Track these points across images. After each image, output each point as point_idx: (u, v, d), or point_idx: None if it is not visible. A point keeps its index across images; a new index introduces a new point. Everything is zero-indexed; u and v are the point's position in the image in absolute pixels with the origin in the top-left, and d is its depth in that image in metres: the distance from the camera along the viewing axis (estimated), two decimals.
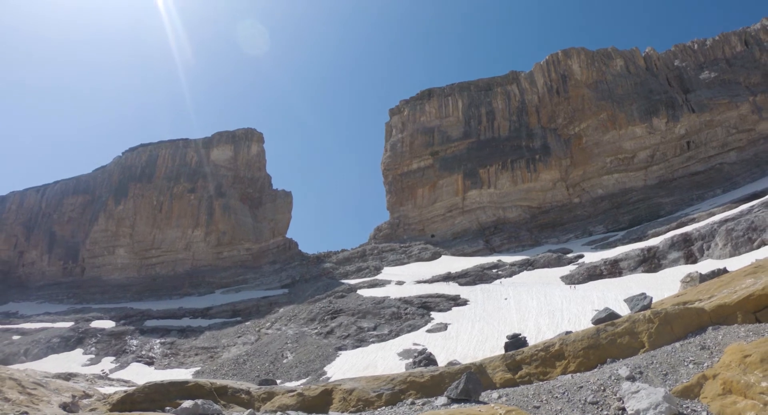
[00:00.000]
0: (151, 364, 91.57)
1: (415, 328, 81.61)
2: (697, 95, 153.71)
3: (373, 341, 79.96)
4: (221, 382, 19.71)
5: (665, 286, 69.88)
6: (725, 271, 28.57)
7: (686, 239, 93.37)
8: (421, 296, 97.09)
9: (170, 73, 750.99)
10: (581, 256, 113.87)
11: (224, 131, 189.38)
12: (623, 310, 26.23)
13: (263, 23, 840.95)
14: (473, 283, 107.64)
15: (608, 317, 18.64)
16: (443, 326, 78.20)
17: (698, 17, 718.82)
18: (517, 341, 22.56)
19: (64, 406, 26.05)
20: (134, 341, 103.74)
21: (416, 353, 35.41)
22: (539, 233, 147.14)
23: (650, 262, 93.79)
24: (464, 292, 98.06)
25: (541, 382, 15.69)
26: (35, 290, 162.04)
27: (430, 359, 29.99)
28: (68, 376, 43.88)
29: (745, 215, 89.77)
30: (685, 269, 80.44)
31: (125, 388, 31.47)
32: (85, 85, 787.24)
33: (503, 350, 21.80)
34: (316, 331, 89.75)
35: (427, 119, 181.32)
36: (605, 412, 12.39)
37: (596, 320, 18.99)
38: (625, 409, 12.18)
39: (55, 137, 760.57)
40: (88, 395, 30.83)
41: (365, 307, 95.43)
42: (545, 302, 77.92)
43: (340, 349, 78.72)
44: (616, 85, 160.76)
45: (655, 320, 16.26)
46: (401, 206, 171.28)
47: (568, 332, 19.08)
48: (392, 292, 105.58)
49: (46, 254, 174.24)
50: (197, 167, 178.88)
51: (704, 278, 27.43)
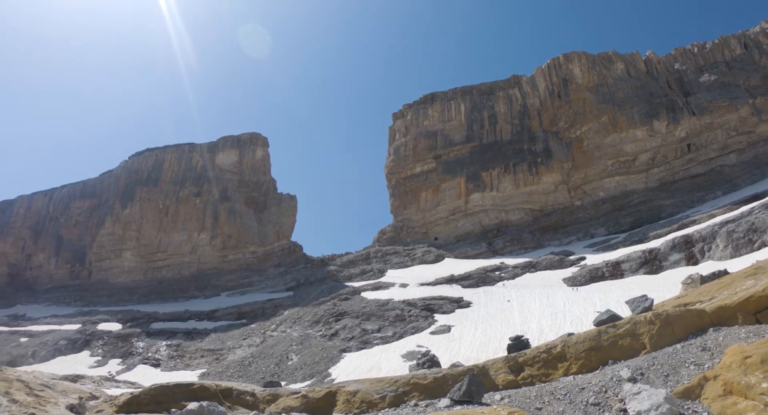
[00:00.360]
0: (157, 366, 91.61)
1: (418, 330, 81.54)
2: (697, 98, 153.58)
3: (377, 343, 79.89)
4: (226, 384, 19.69)
5: (667, 287, 69.72)
6: (726, 272, 28.48)
7: (687, 241, 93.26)
8: (424, 299, 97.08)
9: (174, 76, 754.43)
10: (583, 258, 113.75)
11: (229, 136, 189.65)
12: (625, 311, 26.18)
13: (266, 27, 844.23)
14: (476, 285, 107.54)
15: (610, 319, 18.59)
16: (447, 328, 78.13)
17: (698, 21, 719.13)
18: (519, 343, 22.52)
19: (71, 407, 26.00)
20: (141, 343, 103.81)
21: (420, 355, 35.37)
22: (541, 236, 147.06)
23: (652, 263, 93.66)
24: (467, 294, 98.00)
25: (543, 383, 15.64)
26: (43, 293, 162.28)
27: (433, 361, 29.96)
28: (75, 378, 43.89)
29: (745, 217, 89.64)
30: (686, 271, 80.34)
31: (131, 390, 31.50)
32: (90, 87, 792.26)
33: (506, 352, 21.76)
34: (320, 333, 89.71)
35: (430, 123, 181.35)
36: (607, 413, 12.35)
37: (598, 322, 18.94)
38: (626, 410, 12.13)
39: (61, 139, 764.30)
40: (95, 397, 30.82)
41: (369, 309, 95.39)
42: (548, 304, 77.81)
43: (344, 351, 78.65)
44: (617, 88, 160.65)
45: (656, 322, 16.20)
46: (405, 210, 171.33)
47: (570, 334, 19.01)
48: (396, 294, 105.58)
49: (53, 258, 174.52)
50: (203, 171, 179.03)
51: (705, 280, 27.33)
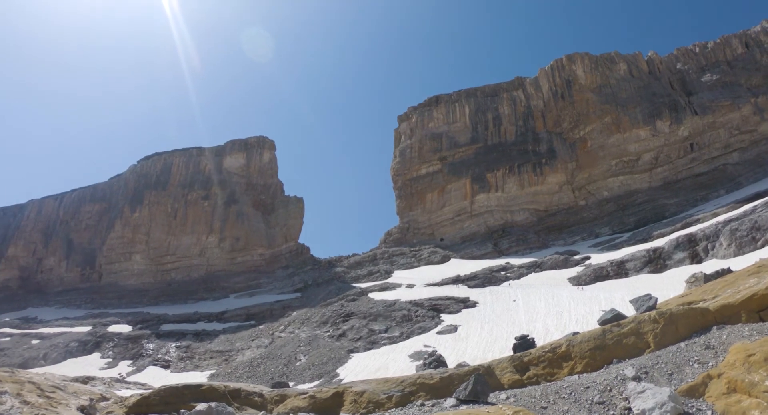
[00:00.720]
0: (167, 367, 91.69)
1: (425, 330, 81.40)
2: (699, 98, 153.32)
3: (384, 344, 79.76)
4: (234, 385, 19.68)
5: (671, 286, 69.54)
6: (729, 271, 28.41)
7: (691, 240, 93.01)
8: (431, 299, 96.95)
9: (177, 79, 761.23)
10: (588, 257, 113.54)
11: (237, 139, 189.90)
12: (629, 310, 26.13)
13: (269, 30, 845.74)
14: (482, 285, 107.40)
15: (614, 318, 18.52)
16: (453, 328, 77.99)
17: (699, 20, 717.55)
18: (525, 342, 22.44)
19: (82, 409, 26.01)
20: (150, 345, 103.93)
21: (426, 355, 35.30)
22: (546, 236, 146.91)
23: (656, 262, 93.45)
24: (473, 294, 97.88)
25: (548, 383, 15.59)
26: (54, 296, 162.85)
27: (439, 361, 29.88)
28: (86, 379, 43.85)
29: (748, 215, 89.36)
30: (690, 269, 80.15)
31: (141, 391, 31.50)
32: (95, 90, 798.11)
33: (512, 351, 21.72)
34: (328, 334, 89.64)
35: (435, 125, 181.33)
36: (611, 412, 12.31)
37: (602, 321, 18.87)
38: (631, 409, 12.08)
39: (68, 142, 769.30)
40: (105, 398, 30.83)
41: (376, 310, 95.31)
42: (553, 304, 77.65)
43: (352, 351, 78.54)
44: (619, 89, 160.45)
45: (660, 321, 16.14)
46: (411, 211, 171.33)
47: (575, 333, 18.95)
48: (403, 295, 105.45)
49: (64, 261, 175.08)
50: (211, 175, 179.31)
51: (708, 278, 27.26)
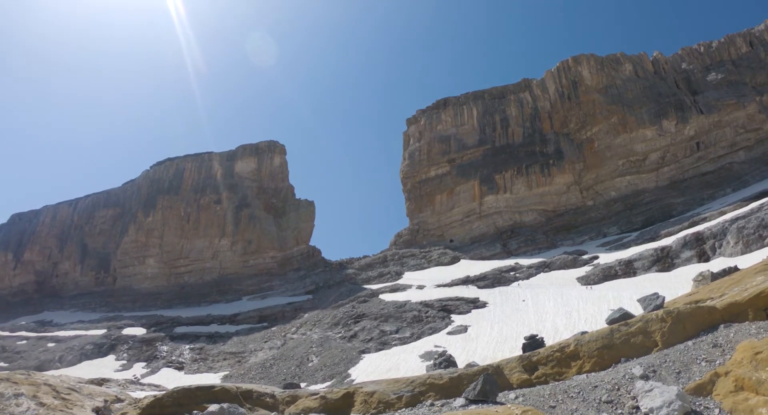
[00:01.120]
0: (181, 369, 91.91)
1: (436, 330, 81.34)
2: (704, 97, 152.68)
3: (395, 344, 79.73)
4: (246, 386, 19.71)
5: (679, 284, 69.33)
6: (736, 269, 28.28)
7: (698, 238, 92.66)
8: (441, 300, 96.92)
9: (184, 82, 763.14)
10: (596, 257, 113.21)
11: (248, 144, 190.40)
12: (638, 309, 26.03)
13: (275, 34, 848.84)
14: (491, 286, 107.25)
15: (622, 317, 18.48)
16: (463, 328, 77.91)
17: (703, 20, 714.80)
18: (534, 342, 22.42)
19: (96, 410, 26.20)
20: (164, 347, 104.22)
21: (437, 355, 35.29)
22: (555, 236, 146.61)
23: (664, 261, 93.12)
24: (483, 294, 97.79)
25: (557, 382, 15.56)
26: (69, 300, 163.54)
27: (449, 361, 29.84)
28: (101, 381, 44.11)
29: (755, 213, 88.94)
30: (697, 268, 79.76)
31: (155, 392, 31.61)
32: (101, 94, 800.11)
33: (522, 351, 21.68)
34: (340, 335, 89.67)
35: (443, 128, 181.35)
36: (620, 411, 12.26)
37: (610, 320, 18.84)
38: (639, 407, 12.03)
39: (78, 146, 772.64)
40: (120, 400, 31.01)
41: (387, 311, 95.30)
42: (562, 303, 77.47)
43: (363, 352, 78.52)
44: (625, 89, 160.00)
45: (667, 319, 16.07)
46: (420, 213, 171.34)
47: (583, 332, 18.90)
48: (413, 296, 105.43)
49: (78, 265, 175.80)
50: (222, 179, 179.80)
51: (715, 277, 27.11)
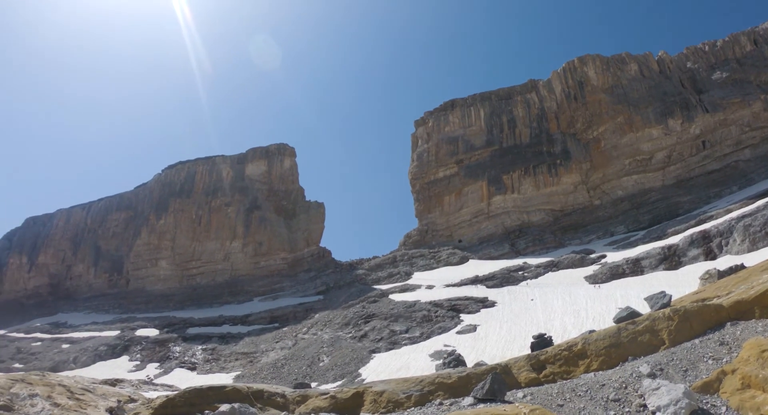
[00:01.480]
0: (193, 369, 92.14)
1: (445, 330, 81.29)
2: (710, 95, 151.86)
3: (405, 344, 79.72)
4: (257, 386, 19.73)
5: (686, 282, 69.09)
6: (743, 267, 28.09)
7: (705, 236, 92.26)
8: (450, 299, 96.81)
9: (190, 85, 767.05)
10: (604, 256, 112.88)
11: (258, 147, 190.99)
12: (645, 308, 25.94)
13: (281, 37, 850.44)
14: (500, 285, 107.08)
15: (629, 316, 18.42)
16: (472, 328, 77.82)
17: (708, 19, 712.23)
18: (542, 341, 22.34)
19: (110, 410, 26.27)
20: (177, 348, 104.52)
21: (446, 355, 35.24)
22: (562, 235, 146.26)
23: (671, 260, 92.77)
24: (492, 294, 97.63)
25: (564, 381, 15.52)
26: (83, 302, 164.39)
27: (459, 360, 29.78)
28: (115, 382, 44.33)
29: (761, 211, 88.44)
30: (704, 266, 79.46)
31: (168, 392, 31.71)
32: (111, 97, 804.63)
33: (530, 350, 21.63)
34: (350, 335, 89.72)
35: (451, 129, 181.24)
36: (627, 409, 12.22)
37: (617, 319, 18.77)
38: (646, 405, 12.01)
39: (88, 149, 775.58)
40: (133, 400, 31.10)
41: (397, 311, 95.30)
42: (570, 302, 77.27)
43: (373, 352, 78.54)
44: (631, 89, 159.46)
45: (674, 318, 16.01)
46: (429, 213, 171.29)
47: (591, 331, 18.87)
48: (423, 296, 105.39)
49: (92, 268, 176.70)
50: (233, 182, 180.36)
51: (722, 275, 26.93)
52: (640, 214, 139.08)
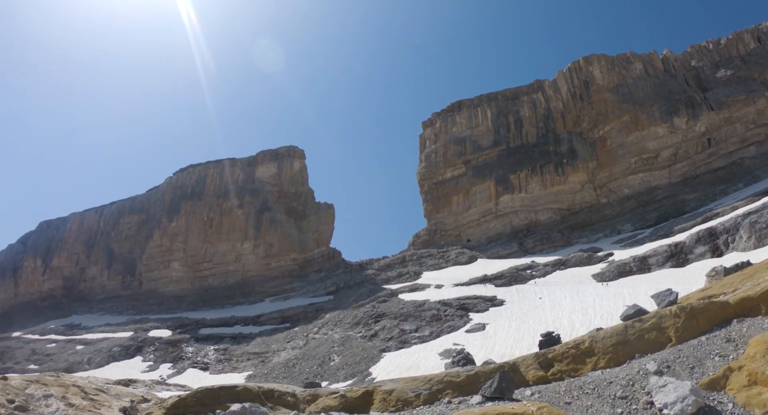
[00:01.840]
0: (206, 369, 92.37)
1: (454, 329, 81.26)
2: (714, 93, 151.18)
3: (415, 343, 79.73)
4: (268, 385, 19.73)
5: (693, 280, 68.76)
6: (749, 263, 27.96)
7: (711, 233, 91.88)
8: (459, 298, 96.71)
9: (196, 87, 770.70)
10: (611, 254, 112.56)
11: (267, 150, 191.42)
12: (652, 306, 25.89)
13: (287, 40, 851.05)
14: (509, 284, 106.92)
15: (636, 314, 18.30)
16: (481, 326, 77.74)
17: (711, 17, 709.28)
18: (550, 339, 22.24)
19: (123, 410, 26.36)
20: (190, 348, 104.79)
21: (455, 353, 35.15)
22: (570, 234, 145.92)
23: (678, 257, 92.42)
24: (500, 293, 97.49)
25: (572, 378, 15.43)
26: (96, 303, 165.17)
27: (467, 359, 29.64)
28: (128, 382, 44.46)
29: (767, 207, 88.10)
30: (711, 263, 79.01)
31: (180, 392, 31.77)
32: (118, 100, 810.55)
33: (538, 348, 21.58)
34: (360, 334, 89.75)
35: (458, 130, 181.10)
36: (634, 406, 12.15)
37: (624, 317, 18.65)
38: (653, 403, 11.92)
39: (98, 151, 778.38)
40: (146, 400, 31.20)
41: (407, 310, 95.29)
42: (578, 300, 77.10)
43: (384, 351, 78.57)
44: (636, 87, 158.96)
45: (681, 315, 15.90)
46: (437, 213, 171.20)
47: (599, 329, 18.76)
48: (432, 295, 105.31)
49: (105, 270, 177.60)
50: (244, 184, 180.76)
51: (728, 272, 26.80)
52: (646, 212, 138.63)
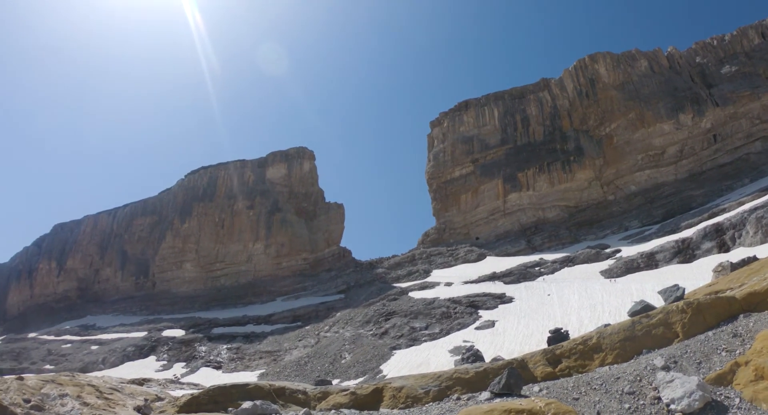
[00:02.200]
0: (219, 368, 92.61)
1: (464, 326, 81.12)
2: (719, 89, 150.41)
3: (425, 340, 79.67)
4: (279, 383, 19.75)
5: (700, 275, 68.46)
6: (755, 258, 27.84)
7: (718, 229, 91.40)
8: (468, 296, 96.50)
9: (202, 88, 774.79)
10: (618, 250, 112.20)
11: (278, 151, 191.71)
12: (660, 301, 25.81)
13: (297, 40, 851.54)
14: (517, 281, 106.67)
15: (643, 309, 18.24)
16: (491, 323, 77.63)
17: (716, 13, 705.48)
18: (558, 336, 22.24)
19: (138, 409, 26.43)
20: (203, 348, 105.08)
21: (464, 350, 35.14)
22: (578, 231, 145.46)
23: (685, 253, 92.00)
24: (509, 290, 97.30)
25: (580, 374, 15.37)
26: (110, 304, 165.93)
27: (477, 356, 29.64)
28: (142, 381, 44.51)
29: None
30: (718, 258, 78.66)
31: (193, 391, 31.87)
32: (121, 101, 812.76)
33: (547, 344, 21.53)
34: (371, 332, 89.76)
35: (465, 129, 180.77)
36: (641, 402, 12.11)
37: (632, 313, 18.60)
38: (660, 398, 11.89)
39: (110, 153, 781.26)
40: (160, 398, 31.27)
41: (417, 308, 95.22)
42: (586, 297, 76.95)
43: (394, 348, 78.55)
44: (642, 85, 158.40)
45: (687, 311, 15.82)
46: (446, 212, 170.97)
47: (607, 325, 18.75)
48: (441, 293, 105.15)
49: (119, 271, 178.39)
50: (254, 185, 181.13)
51: (735, 267, 26.67)
52: (653, 208, 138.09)
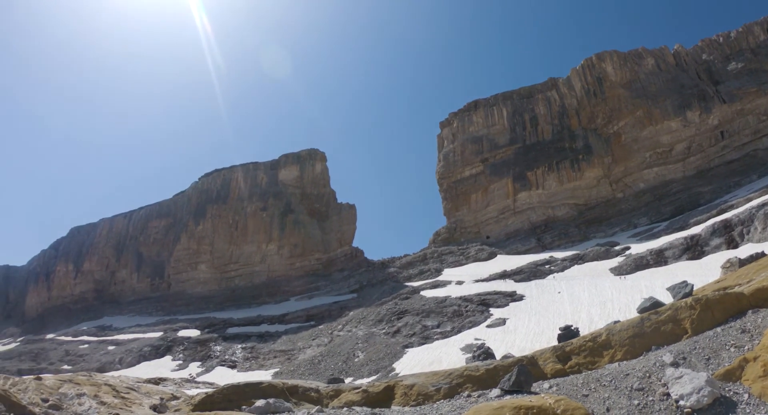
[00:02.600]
0: (234, 367, 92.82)
1: (475, 324, 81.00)
2: (726, 86, 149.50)
3: (437, 338, 79.61)
4: (292, 382, 19.84)
5: (709, 271, 68.15)
6: (763, 254, 27.73)
7: (726, 225, 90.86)
8: (479, 294, 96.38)
9: (207, 89, 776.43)
10: (628, 248, 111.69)
11: (290, 153, 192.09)
12: (668, 298, 25.69)
13: (303, 42, 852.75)
14: (528, 279, 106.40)
15: (652, 306, 18.18)
16: (502, 321, 77.48)
17: (721, 11, 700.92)
18: (569, 333, 22.16)
19: (154, 407, 26.54)
20: (218, 347, 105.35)
21: (475, 348, 35.09)
22: (587, 229, 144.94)
23: (693, 249, 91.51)
24: (520, 288, 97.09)
25: (589, 371, 15.35)
26: (127, 305, 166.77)
27: (488, 353, 29.60)
28: (158, 380, 44.63)
29: None
30: (727, 255, 78.19)
31: (208, 389, 32.00)
32: (124, 102, 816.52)
33: (557, 342, 21.49)
34: (384, 331, 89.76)
35: (475, 129, 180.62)
36: (651, 398, 12.07)
37: (641, 309, 18.54)
38: (669, 394, 11.85)
39: (122, 157, 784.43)
40: (176, 397, 31.35)
41: (428, 306, 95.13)
42: (596, 294, 76.68)
43: (407, 347, 78.53)
44: (649, 83, 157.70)
45: (696, 307, 15.77)
46: (457, 211, 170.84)
47: (616, 322, 18.70)
48: (453, 291, 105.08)
49: (135, 273, 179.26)
50: (267, 187, 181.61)
51: (743, 263, 26.56)
52: (662, 205, 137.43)
